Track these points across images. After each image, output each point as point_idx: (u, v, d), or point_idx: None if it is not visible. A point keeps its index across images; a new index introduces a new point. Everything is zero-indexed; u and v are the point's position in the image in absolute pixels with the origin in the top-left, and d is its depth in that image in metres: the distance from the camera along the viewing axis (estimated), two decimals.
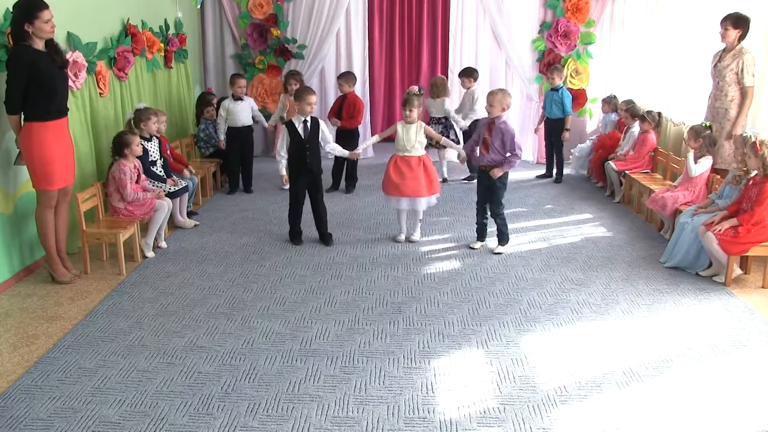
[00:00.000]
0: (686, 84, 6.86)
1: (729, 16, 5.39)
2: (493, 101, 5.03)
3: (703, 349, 3.69)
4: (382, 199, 6.92)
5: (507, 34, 8.70)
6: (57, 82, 4.27)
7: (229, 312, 4.18)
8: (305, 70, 8.83)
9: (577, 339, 3.82)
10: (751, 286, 4.63)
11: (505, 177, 5.17)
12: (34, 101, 4.21)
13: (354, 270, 4.93)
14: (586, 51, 8.72)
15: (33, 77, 4.13)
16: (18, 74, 4.11)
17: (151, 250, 5.20)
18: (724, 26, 5.39)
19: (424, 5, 10.17)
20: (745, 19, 5.34)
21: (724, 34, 5.40)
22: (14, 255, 4.60)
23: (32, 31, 4.11)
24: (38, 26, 4.12)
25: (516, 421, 2.99)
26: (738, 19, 5.34)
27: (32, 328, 3.94)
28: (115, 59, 5.94)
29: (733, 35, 5.36)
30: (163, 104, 7.21)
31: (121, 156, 5.05)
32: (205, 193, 6.99)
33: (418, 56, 10.44)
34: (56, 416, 3.02)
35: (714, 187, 5.33)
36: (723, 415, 3.04)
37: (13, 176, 4.58)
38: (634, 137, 6.92)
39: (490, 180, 5.18)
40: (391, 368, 3.47)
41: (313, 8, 8.68)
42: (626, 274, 4.84)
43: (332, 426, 2.96)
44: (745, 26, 5.34)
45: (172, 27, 7.65)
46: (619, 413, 3.06)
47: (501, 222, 5.28)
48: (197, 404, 3.13)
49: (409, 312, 4.18)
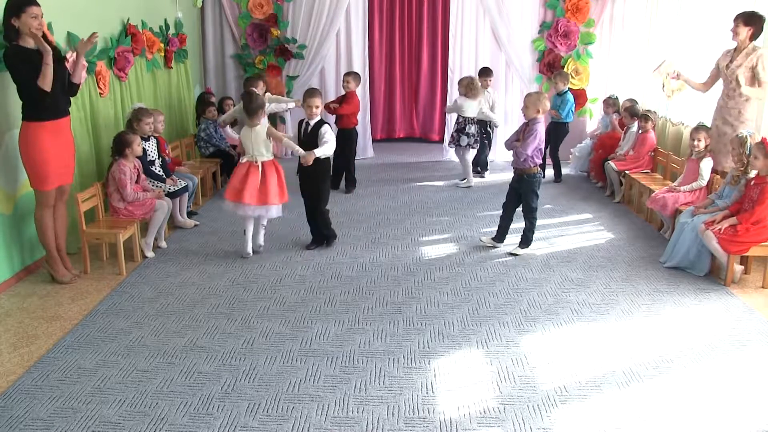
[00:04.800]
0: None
1: (741, 14, 5.19)
2: (527, 102, 5.07)
3: (703, 349, 3.69)
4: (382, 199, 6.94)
5: (507, 34, 8.70)
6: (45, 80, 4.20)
7: (229, 312, 4.18)
8: (305, 70, 8.85)
9: (577, 339, 3.82)
10: (751, 286, 4.63)
11: (535, 183, 5.16)
12: (26, 101, 4.20)
13: (354, 270, 4.93)
14: (586, 51, 8.73)
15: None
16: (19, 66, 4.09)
17: (151, 250, 5.20)
18: (735, 24, 5.19)
19: (424, 5, 10.18)
20: (758, 16, 5.14)
21: (735, 31, 5.19)
22: (14, 255, 4.60)
23: (19, 26, 4.08)
24: (24, 21, 4.07)
25: (516, 421, 2.99)
26: (750, 17, 5.14)
27: (32, 328, 3.94)
28: (115, 59, 5.94)
29: (744, 33, 5.16)
30: (163, 104, 7.21)
31: (122, 156, 5.05)
32: (205, 193, 6.99)
33: (418, 56, 10.45)
34: (56, 416, 3.02)
35: (714, 188, 5.33)
36: (723, 415, 3.04)
37: (13, 176, 4.58)
38: (634, 137, 6.93)
39: (520, 184, 5.19)
40: (391, 368, 3.47)
41: (313, 8, 8.68)
42: (626, 274, 4.84)
43: (332, 426, 2.96)
44: (757, 24, 5.14)
45: (172, 27, 7.65)
46: (619, 413, 3.06)
47: (528, 226, 5.26)
48: (197, 404, 3.13)
49: (409, 312, 4.18)
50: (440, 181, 7.89)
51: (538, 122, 5.06)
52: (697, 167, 5.44)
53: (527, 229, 5.28)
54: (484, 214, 6.46)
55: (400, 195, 7.19)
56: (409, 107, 10.75)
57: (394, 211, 6.52)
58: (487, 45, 8.85)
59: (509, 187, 5.37)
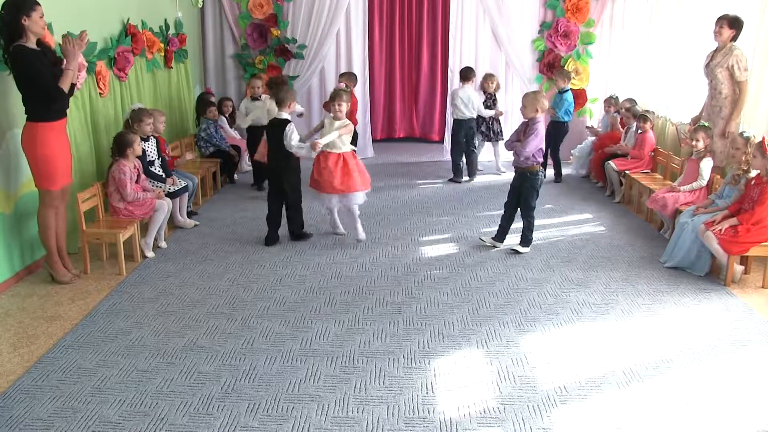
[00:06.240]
0: (686, 84, 6.86)
1: (725, 16, 5.45)
2: (526, 102, 5.08)
3: (703, 349, 3.69)
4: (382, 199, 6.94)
5: (507, 34, 8.70)
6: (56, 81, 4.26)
7: (229, 312, 4.18)
8: (305, 70, 8.85)
9: (577, 339, 3.82)
10: (751, 286, 4.63)
11: (537, 181, 5.17)
12: (36, 101, 4.21)
13: (354, 270, 4.93)
14: (586, 51, 8.73)
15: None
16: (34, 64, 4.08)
17: (151, 250, 5.20)
18: (719, 25, 5.46)
19: (424, 5, 10.18)
20: (741, 21, 5.42)
21: (719, 32, 5.46)
22: (14, 255, 4.60)
23: (28, 25, 4.08)
24: (35, 20, 4.09)
25: (516, 421, 2.99)
26: (734, 21, 5.41)
27: (32, 328, 3.94)
28: (115, 59, 5.94)
29: (726, 35, 5.43)
30: (163, 104, 7.21)
31: (123, 156, 5.05)
32: (205, 193, 6.98)
33: (418, 56, 10.45)
34: (56, 416, 3.02)
35: (714, 188, 5.34)
36: (723, 415, 3.04)
37: (14, 176, 4.58)
38: (634, 137, 6.93)
39: (522, 182, 5.19)
40: (391, 368, 3.47)
41: (313, 8, 8.68)
42: (626, 274, 4.84)
43: (332, 426, 2.96)
44: (739, 28, 5.42)
45: (172, 27, 7.65)
46: (619, 413, 3.06)
47: (527, 225, 5.27)
48: (197, 404, 3.13)
49: (409, 312, 4.18)
50: (440, 181, 7.88)
51: (537, 121, 5.06)
52: (697, 167, 5.44)
53: (526, 229, 5.28)
54: (484, 214, 6.46)
55: (400, 195, 7.19)
56: (409, 107, 10.75)
57: (394, 211, 6.52)
58: (487, 45, 8.85)
59: (510, 186, 5.37)
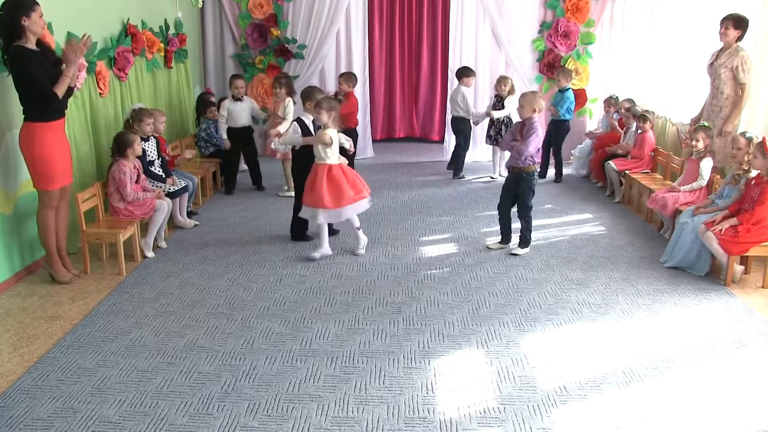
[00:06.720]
0: (686, 84, 6.86)
1: (731, 16, 5.43)
2: (523, 102, 5.08)
3: (703, 349, 3.69)
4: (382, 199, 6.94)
5: (507, 34, 8.69)
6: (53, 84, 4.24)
7: (229, 312, 4.18)
8: (305, 70, 8.84)
9: (577, 339, 3.82)
10: (751, 286, 4.63)
11: (532, 182, 5.17)
12: (33, 102, 4.20)
13: (354, 270, 4.93)
14: (586, 51, 8.73)
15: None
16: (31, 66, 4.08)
17: (151, 250, 5.20)
18: (725, 26, 5.44)
19: (424, 5, 10.18)
20: (746, 21, 5.39)
21: (725, 33, 5.44)
22: (14, 255, 4.60)
23: (28, 26, 4.07)
24: (35, 20, 4.09)
25: (516, 421, 2.99)
26: (740, 21, 5.39)
27: (32, 328, 3.94)
28: (115, 59, 5.94)
29: (732, 35, 5.41)
30: (163, 104, 7.21)
31: (123, 156, 5.05)
32: (205, 193, 6.98)
33: (418, 56, 10.45)
34: (56, 416, 3.02)
35: (714, 188, 5.34)
36: (723, 415, 3.04)
37: (13, 176, 4.58)
38: (634, 137, 6.93)
39: (518, 182, 5.19)
40: (391, 368, 3.47)
41: (313, 8, 8.68)
42: (626, 274, 4.84)
43: (332, 426, 2.96)
44: (745, 28, 5.40)
45: (172, 27, 7.65)
46: (619, 413, 3.06)
47: (525, 225, 5.27)
48: (197, 404, 3.13)
49: (409, 312, 4.18)
50: (441, 181, 7.89)
51: (535, 121, 5.07)
52: (697, 167, 5.44)
53: (524, 229, 5.28)
54: (484, 214, 6.46)
55: (400, 195, 7.19)
56: (409, 107, 10.74)
57: (394, 211, 6.52)
58: (487, 45, 8.84)
59: (503, 187, 5.36)
